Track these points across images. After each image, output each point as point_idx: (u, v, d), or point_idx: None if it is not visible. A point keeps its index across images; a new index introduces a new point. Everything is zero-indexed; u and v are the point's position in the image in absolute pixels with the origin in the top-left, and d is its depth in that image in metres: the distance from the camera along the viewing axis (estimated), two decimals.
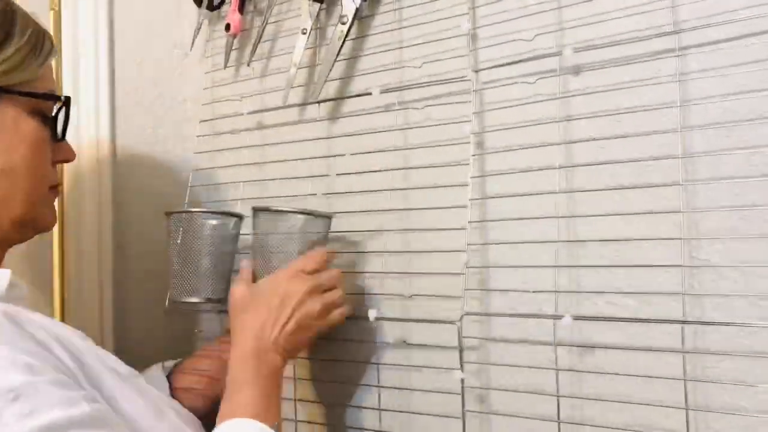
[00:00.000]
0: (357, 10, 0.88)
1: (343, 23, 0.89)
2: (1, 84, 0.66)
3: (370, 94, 0.87)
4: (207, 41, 1.07)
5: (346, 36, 0.89)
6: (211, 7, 1.06)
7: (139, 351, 1.02)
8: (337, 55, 0.89)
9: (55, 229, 1.09)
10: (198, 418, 0.77)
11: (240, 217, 0.88)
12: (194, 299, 0.85)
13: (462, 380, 0.74)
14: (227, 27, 1.02)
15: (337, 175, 0.89)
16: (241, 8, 1.02)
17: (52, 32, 1.09)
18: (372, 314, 0.79)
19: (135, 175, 1.10)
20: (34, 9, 1.03)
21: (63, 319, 1.09)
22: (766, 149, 0.62)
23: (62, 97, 0.73)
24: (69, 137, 0.77)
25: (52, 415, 0.51)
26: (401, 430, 0.80)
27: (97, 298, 1.10)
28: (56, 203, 0.95)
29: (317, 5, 0.92)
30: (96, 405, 0.56)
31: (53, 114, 0.72)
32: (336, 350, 0.87)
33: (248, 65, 1.02)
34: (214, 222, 0.85)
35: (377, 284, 0.83)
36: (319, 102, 0.92)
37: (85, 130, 1.10)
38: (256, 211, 0.82)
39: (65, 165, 1.02)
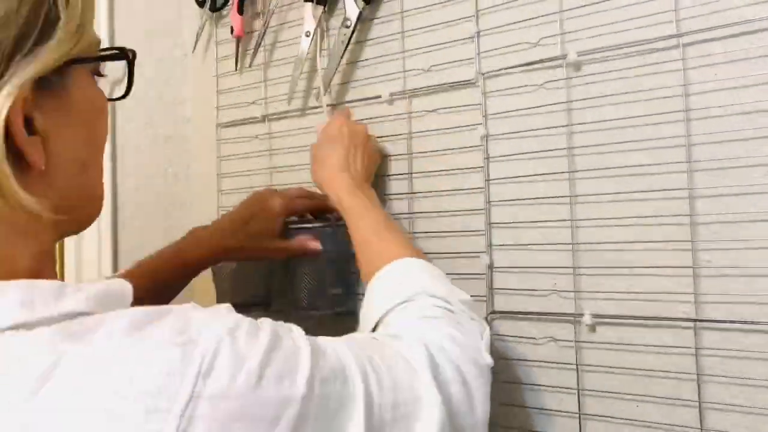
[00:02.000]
0: (360, 13, 0.89)
1: (347, 26, 0.90)
2: (74, 53, 0.48)
3: (379, 97, 0.89)
4: (216, 43, 1.08)
5: (350, 39, 0.90)
6: (214, 9, 1.06)
7: None
8: (341, 58, 0.91)
9: None
10: None
11: None
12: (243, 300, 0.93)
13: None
14: (232, 29, 1.03)
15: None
16: (240, 10, 1.02)
17: None
18: None
19: (135, 174, 1.11)
20: None
21: None
22: None
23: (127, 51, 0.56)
24: None
25: None
26: None
27: None
28: None
29: (320, 8, 0.93)
30: None
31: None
32: None
33: (249, 66, 1.03)
34: None
35: None
36: (332, 105, 0.94)
37: None
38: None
39: None
